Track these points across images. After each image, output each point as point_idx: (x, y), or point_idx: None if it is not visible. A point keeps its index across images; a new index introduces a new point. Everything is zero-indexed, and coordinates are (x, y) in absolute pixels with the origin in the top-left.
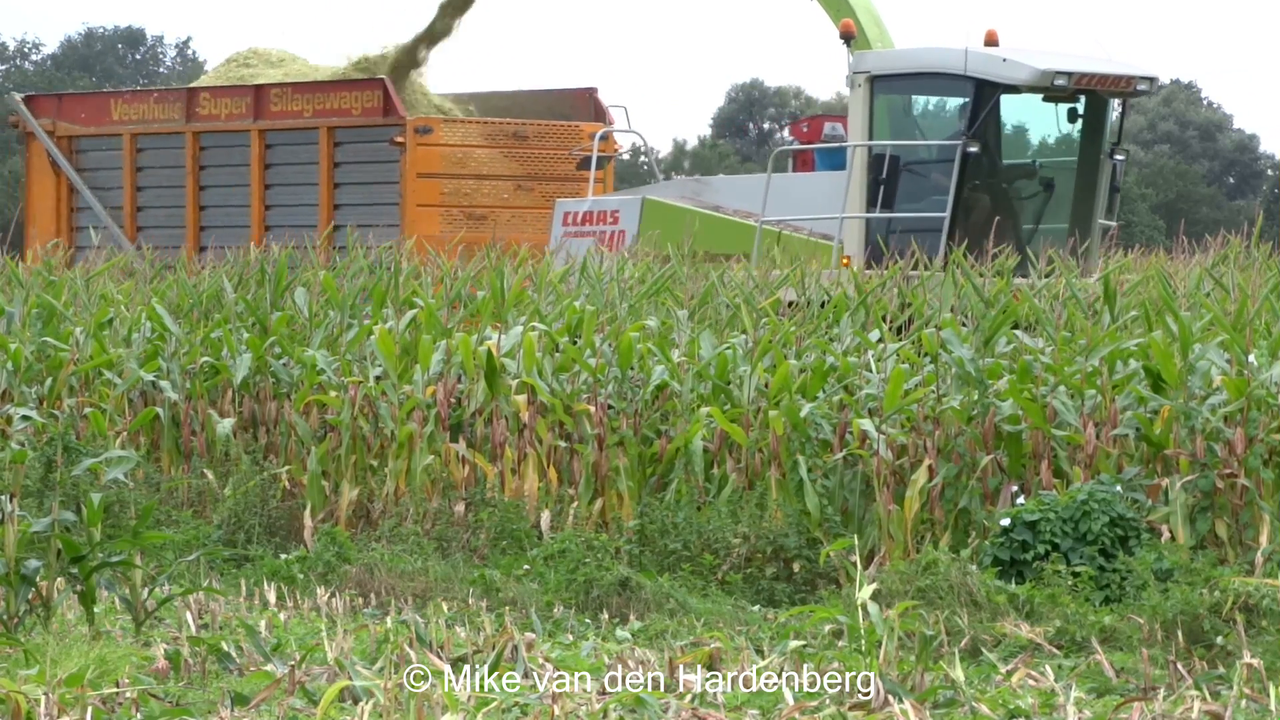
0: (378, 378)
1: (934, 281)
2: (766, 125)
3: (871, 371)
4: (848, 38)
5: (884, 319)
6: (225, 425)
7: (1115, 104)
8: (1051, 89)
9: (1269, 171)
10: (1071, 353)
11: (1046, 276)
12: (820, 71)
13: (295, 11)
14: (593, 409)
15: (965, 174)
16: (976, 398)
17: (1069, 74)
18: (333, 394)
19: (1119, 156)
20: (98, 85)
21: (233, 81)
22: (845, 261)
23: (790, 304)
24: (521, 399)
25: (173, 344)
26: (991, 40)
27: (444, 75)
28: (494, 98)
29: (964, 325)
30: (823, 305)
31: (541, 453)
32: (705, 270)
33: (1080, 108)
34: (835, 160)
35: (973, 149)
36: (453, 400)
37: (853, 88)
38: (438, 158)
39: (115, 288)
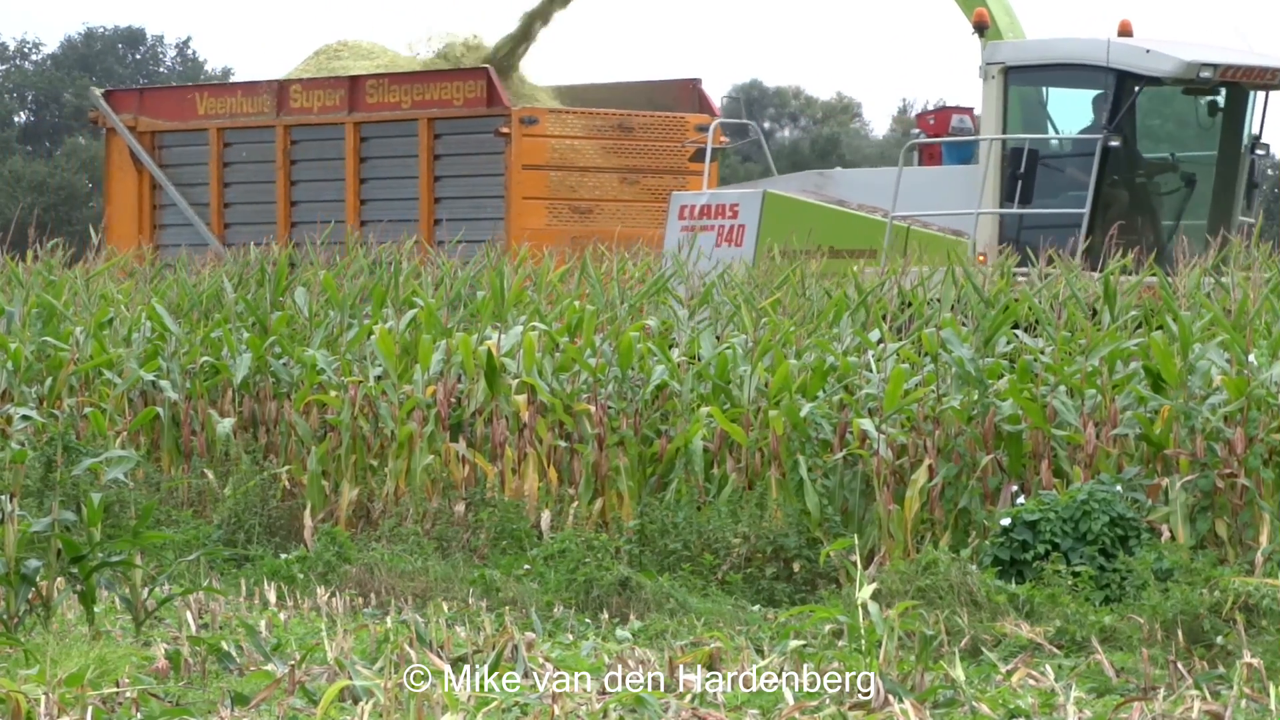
0: (378, 378)
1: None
2: (766, 125)
3: (871, 371)
4: (981, 28)
5: (884, 318)
6: (225, 425)
7: (1258, 97)
8: (1196, 81)
9: (1269, 171)
10: (1071, 352)
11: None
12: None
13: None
14: (593, 409)
15: (1105, 169)
16: (976, 398)
17: (1214, 66)
18: (333, 394)
19: (1259, 151)
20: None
21: (324, 74)
22: (981, 259)
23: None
24: (521, 399)
25: (173, 344)
26: (1126, 31)
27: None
28: (593, 89)
29: (964, 325)
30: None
31: (541, 453)
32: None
33: (1221, 100)
34: (963, 154)
35: (1114, 143)
36: (453, 400)
37: (986, 79)
38: (544, 149)
39: (115, 287)
